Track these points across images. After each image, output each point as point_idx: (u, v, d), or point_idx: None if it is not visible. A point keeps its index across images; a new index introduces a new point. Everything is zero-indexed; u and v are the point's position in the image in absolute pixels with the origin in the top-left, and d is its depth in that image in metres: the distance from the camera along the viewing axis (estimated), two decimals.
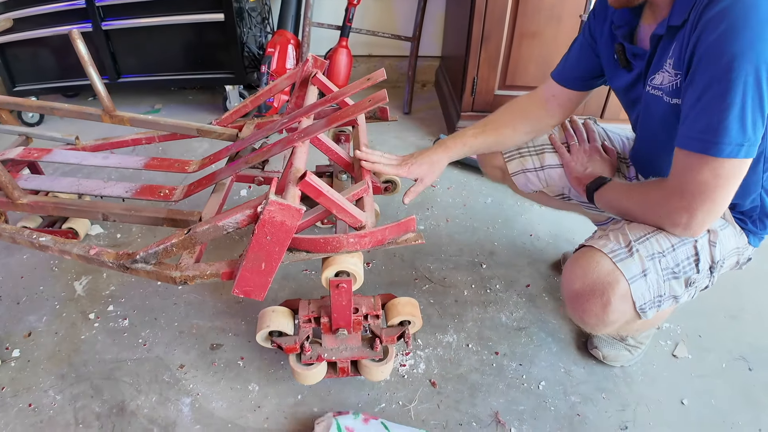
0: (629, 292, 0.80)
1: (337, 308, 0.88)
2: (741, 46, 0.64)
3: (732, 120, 0.67)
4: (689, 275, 0.84)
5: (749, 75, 0.64)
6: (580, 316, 0.83)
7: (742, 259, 0.96)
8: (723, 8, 0.65)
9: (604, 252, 0.81)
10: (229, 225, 0.74)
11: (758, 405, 1.05)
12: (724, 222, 0.90)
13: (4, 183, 0.91)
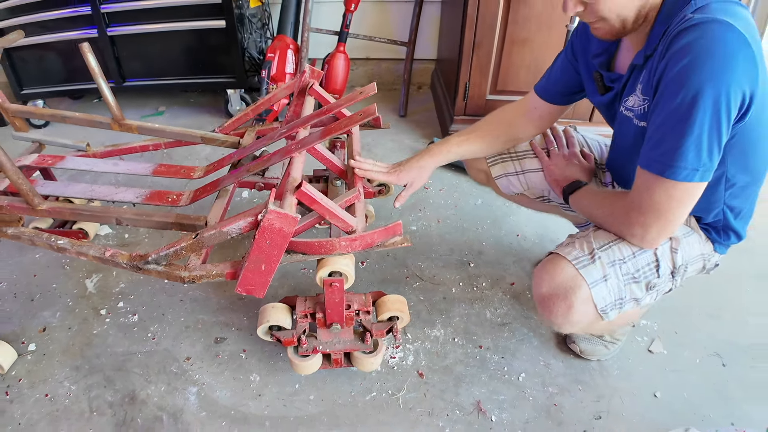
0: (590, 295, 0.89)
1: (331, 305, 0.98)
2: (702, 80, 0.71)
3: (689, 146, 0.75)
4: (650, 279, 0.93)
5: (708, 106, 0.72)
6: (547, 317, 0.93)
7: (708, 265, 1.04)
8: (688, 42, 0.73)
9: (568, 259, 0.90)
10: (233, 231, 0.84)
11: (731, 399, 1.13)
12: (689, 230, 0.99)
13: (25, 191, 1.01)
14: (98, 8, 1.90)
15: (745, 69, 0.72)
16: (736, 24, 0.71)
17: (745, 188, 0.91)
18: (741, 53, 0.71)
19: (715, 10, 0.74)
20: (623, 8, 0.81)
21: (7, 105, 1.33)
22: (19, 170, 1.00)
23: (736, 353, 1.24)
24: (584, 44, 1.01)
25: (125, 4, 1.89)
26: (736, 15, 0.74)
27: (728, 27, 0.71)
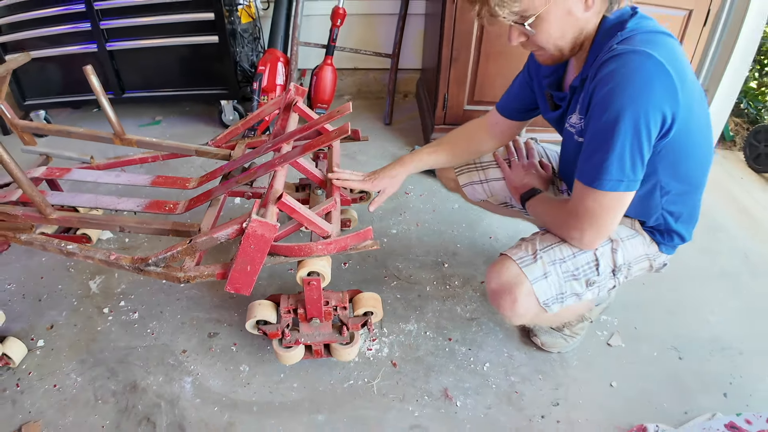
0: (532, 290, 1.02)
1: (310, 301, 1.12)
2: (621, 104, 0.83)
3: (612, 161, 0.87)
4: (589, 277, 1.05)
5: (628, 127, 0.84)
6: (498, 309, 1.07)
7: (656, 264, 1.16)
8: (611, 70, 0.85)
9: (514, 259, 1.04)
10: (222, 236, 0.98)
11: (685, 390, 1.25)
12: (633, 233, 1.11)
13: (38, 201, 1.15)
14: (98, 25, 2.04)
15: (662, 93, 0.83)
16: (655, 53, 0.82)
17: (682, 195, 1.03)
18: (658, 79, 0.82)
19: (638, 42, 0.86)
20: (559, 39, 0.93)
21: (16, 121, 1.46)
22: (32, 183, 1.14)
23: (694, 347, 1.37)
24: (537, 66, 1.13)
25: (123, 21, 2.03)
26: (657, 44, 0.85)
27: (647, 56, 0.83)
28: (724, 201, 2.02)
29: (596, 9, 0.91)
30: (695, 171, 1.01)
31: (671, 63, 0.83)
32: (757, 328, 1.43)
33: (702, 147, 0.99)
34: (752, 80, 2.57)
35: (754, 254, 1.72)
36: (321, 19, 2.31)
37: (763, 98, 2.54)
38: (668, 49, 0.86)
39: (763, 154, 2.20)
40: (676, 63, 0.85)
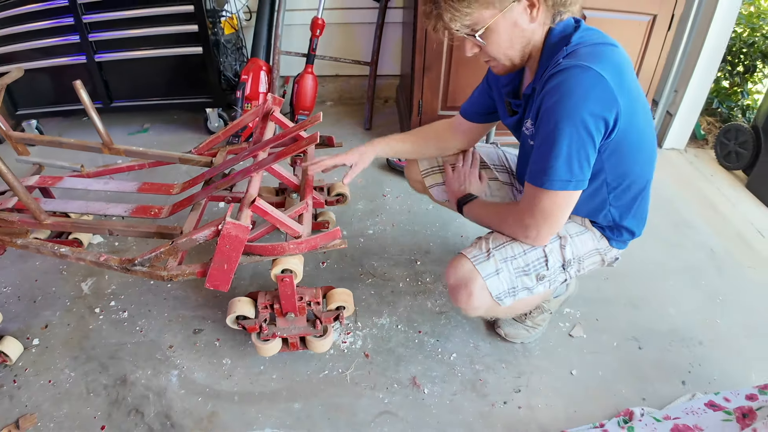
0: (485, 285, 1.14)
1: (284, 296, 1.24)
2: (562, 114, 0.95)
3: (560, 164, 0.98)
4: (539, 272, 1.17)
5: (572, 133, 0.95)
6: (456, 302, 1.19)
7: (607, 258, 1.28)
8: (557, 83, 0.96)
9: (468, 257, 1.16)
10: (200, 238, 1.10)
11: (644, 378, 1.36)
12: (583, 229, 1.23)
13: (33, 209, 1.27)
14: (86, 37, 2.17)
15: (601, 101, 0.94)
16: (594, 66, 0.93)
17: (628, 191, 1.15)
18: (597, 89, 0.93)
19: (581, 56, 0.96)
20: (509, 49, 1.05)
21: (11, 132, 1.58)
22: (27, 191, 1.27)
23: (654, 338, 1.48)
24: (496, 77, 1.25)
25: (111, 33, 2.16)
26: (598, 56, 0.95)
27: (586, 70, 0.93)
28: (692, 198, 2.15)
29: (541, 21, 1.02)
30: (639, 168, 1.12)
31: (610, 72, 0.94)
32: (719, 319, 1.55)
33: (645, 146, 1.10)
34: (724, 80, 2.71)
35: (720, 249, 1.85)
36: (302, 29, 2.45)
37: (736, 98, 2.68)
38: (609, 59, 0.96)
39: (733, 151, 2.33)
40: (616, 71, 0.95)
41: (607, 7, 1.91)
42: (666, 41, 2.02)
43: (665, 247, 1.85)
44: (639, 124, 1.04)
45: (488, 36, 1.03)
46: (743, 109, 2.66)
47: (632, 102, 0.99)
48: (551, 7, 1.01)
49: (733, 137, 2.32)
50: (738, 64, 2.63)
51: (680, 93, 2.33)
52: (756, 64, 2.57)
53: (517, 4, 0.98)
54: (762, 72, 2.61)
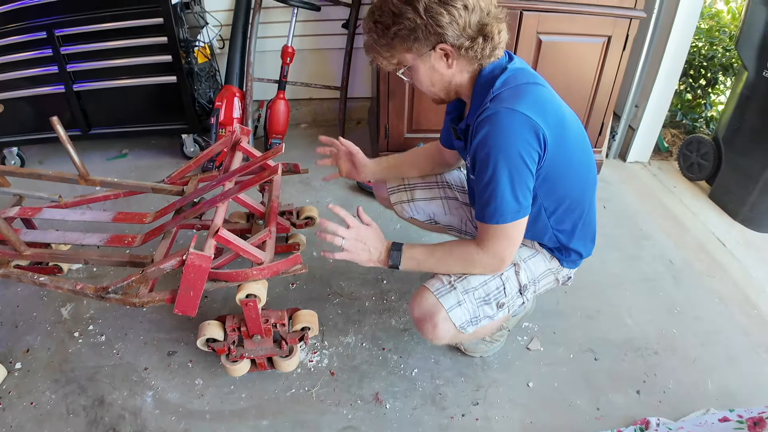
0: (449, 316, 1.25)
1: (250, 320, 1.38)
2: (497, 159, 1.07)
3: (508, 198, 1.10)
4: (499, 300, 1.29)
5: (511, 168, 1.07)
6: (421, 333, 1.31)
7: (560, 277, 1.42)
8: (486, 133, 1.08)
9: (431, 290, 1.27)
10: (167, 267, 1.24)
11: (599, 388, 1.48)
12: (534, 252, 1.37)
13: (12, 240, 1.40)
14: (65, 68, 2.30)
15: (528, 135, 1.07)
16: (518, 107, 1.06)
17: (568, 214, 1.27)
18: (522, 127, 1.06)
19: (504, 98, 1.09)
20: (430, 87, 1.21)
21: None
22: (7, 223, 1.40)
23: (610, 349, 1.61)
24: (448, 105, 1.39)
25: (88, 64, 2.30)
26: (521, 96, 1.08)
27: (510, 113, 1.06)
28: (654, 210, 2.30)
29: (459, 69, 1.16)
30: (576, 193, 1.25)
31: (532, 109, 1.07)
32: (674, 328, 1.69)
33: (578, 172, 1.23)
34: (687, 93, 2.88)
35: (679, 260, 1.99)
36: (274, 55, 2.61)
37: (699, 110, 2.84)
38: (530, 97, 1.10)
39: (696, 163, 2.49)
40: (538, 107, 1.08)
41: (564, 31, 2.08)
42: (622, 60, 2.18)
43: (624, 259, 1.99)
44: (569, 152, 1.17)
45: (411, 74, 1.19)
46: (707, 120, 2.83)
47: (559, 132, 1.12)
48: (471, 58, 1.14)
49: (695, 149, 2.48)
50: (700, 77, 2.81)
51: (641, 108, 2.50)
52: (717, 76, 2.74)
53: (433, 53, 1.12)
54: (724, 84, 2.78)
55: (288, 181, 2.42)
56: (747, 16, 2.14)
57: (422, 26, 1.08)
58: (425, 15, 1.07)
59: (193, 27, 2.44)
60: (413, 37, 1.10)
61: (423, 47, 1.12)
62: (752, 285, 1.90)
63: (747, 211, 2.22)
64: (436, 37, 1.10)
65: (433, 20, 1.07)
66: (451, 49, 1.11)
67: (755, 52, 2.11)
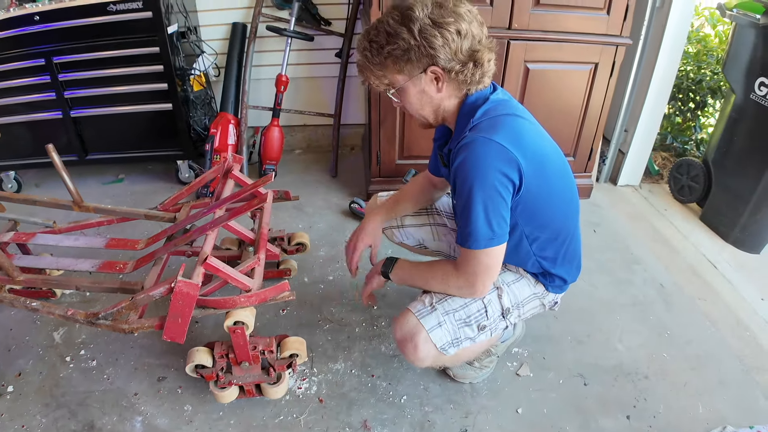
0: (429, 338, 1.28)
1: (237, 347, 1.41)
2: (472, 185, 1.13)
3: (480, 226, 1.15)
4: (480, 322, 1.33)
5: (485, 196, 1.13)
6: (404, 354, 1.34)
7: (546, 302, 1.45)
8: (463, 159, 1.14)
9: (413, 312, 1.32)
10: (156, 294, 1.28)
11: (588, 413, 1.50)
12: (518, 276, 1.40)
13: (6, 266, 1.44)
14: (62, 95, 2.39)
15: (503, 165, 1.12)
16: (494, 137, 1.12)
17: (551, 242, 1.32)
18: (497, 159, 1.11)
19: (482, 128, 1.15)
20: (420, 110, 1.26)
21: None
22: (2, 252, 1.44)
23: (600, 374, 1.63)
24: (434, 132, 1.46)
25: (85, 91, 2.38)
26: (498, 127, 1.14)
27: (486, 142, 1.12)
28: (644, 233, 2.35)
29: (448, 93, 1.22)
30: (556, 221, 1.30)
31: (508, 140, 1.13)
32: (665, 353, 1.71)
33: (559, 200, 1.28)
34: (676, 116, 2.95)
35: (670, 283, 2.03)
36: (269, 83, 2.70)
37: (689, 133, 2.91)
38: (507, 128, 1.16)
39: (686, 185, 2.54)
40: (514, 138, 1.14)
41: (551, 59, 2.16)
42: (609, 86, 2.26)
43: (614, 283, 2.03)
44: (549, 182, 1.22)
45: (402, 95, 1.24)
46: (697, 143, 2.90)
47: (537, 162, 1.17)
48: (461, 83, 1.19)
49: (685, 171, 2.54)
50: (689, 100, 2.88)
51: (630, 132, 2.56)
52: (706, 99, 2.82)
53: (425, 75, 1.17)
54: (713, 107, 2.85)
55: (281, 207, 2.47)
56: (734, 39, 2.22)
57: (416, 47, 1.12)
58: (419, 37, 1.11)
59: (189, 55, 2.53)
60: (406, 58, 1.15)
61: (415, 69, 1.17)
62: (744, 307, 1.93)
63: (738, 233, 2.27)
64: (428, 59, 1.14)
65: (427, 42, 1.11)
66: (441, 72, 1.16)
67: (742, 75, 2.17)
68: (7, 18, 2.25)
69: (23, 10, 2.23)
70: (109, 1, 2.18)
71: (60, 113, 2.42)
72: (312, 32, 2.65)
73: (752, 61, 2.13)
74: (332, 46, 2.76)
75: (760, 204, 2.15)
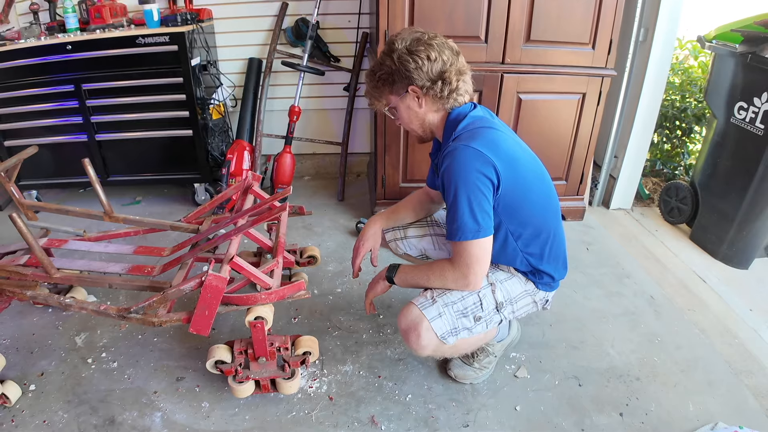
0: (431, 326, 1.43)
1: (257, 342, 1.53)
2: (456, 185, 1.33)
3: (467, 218, 1.33)
4: (476, 313, 1.47)
5: (468, 192, 1.32)
6: (407, 343, 1.48)
7: (537, 299, 1.59)
8: (447, 165, 1.36)
9: (416, 304, 1.47)
10: (187, 288, 1.42)
11: (583, 411, 1.60)
12: (509, 275, 1.55)
13: (46, 264, 1.58)
14: (89, 119, 2.59)
15: (481, 166, 1.31)
16: (472, 144, 1.33)
17: (535, 238, 1.48)
18: (476, 161, 1.32)
19: (462, 138, 1.38)
20: (410, 123, 1.52)
21: (23, 200, 1.93)
22: (42, 250, 1.59)
23: (593, 376, 1.74)
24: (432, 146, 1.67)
25: (111, 117, 2.59)
26: (476, 136, 1.35)
27: (466, 147, 1.33)
28: (635, 251, 2.49)
29: (429, 108, 1.47)
30: (536, 218, 1.46)
31: (485, 146, 1.34)
32: (656, 357, 1.82)
33: (537, 198, 1.46)
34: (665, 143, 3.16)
35: (660, 296, 2.16)
36: (282, 114, 2.95)
37: (678, 159, 3.11)
38: (484, 137, 1.37)
39: (675, 207, 2.71)
40: (491, 145, 1.35)
41: (542, 90, 2.38)
42: (597, 114, 2.47)
43: (606, 295, 2.16)
44: (526, 182, 1.42)
45: (396, 112, 1.52)
46: (686, 168, 3.09)
47: (511, 165, 1.36)
48: (436, 99, 1.44)
49: (674, 194, 2.71)
50: (676, 128, 3.09)
51: (620, 158, 2.75)
52: (692, 126, 3.03)
53: (408, 94, 1.45)
54: (699, 133, 3.06)
55: (292, 227, 2.64)
56: (714, 68, 2.43)
57: (396, 71, 1.42)
58: (398, 62, 1.41)
59: (209, 87, 2.76)
60: (391, 80, 1.45)
61: (400, 89, 1.45)
62: (733, 317, 2.05)
63: (726, 250, 2.41)
64: (407, 80, 1.42)
65: (403, 66, 1.41)
66: (419, 90, 1.43)
67: (723, 101, 2.36)
68: (39, 46, 2.46)
69: (55, 39, 2.46)
70: (138, 35, 2.41)
71: (86, 136, 2.61)
72: (323, 68, 2.91)
73: (732, 87, 2.32)
74: (341, 80, 3.02)
75: (745, 221, 2.31)
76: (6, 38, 2.50)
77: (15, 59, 2.48)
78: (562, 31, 2.30)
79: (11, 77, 2.54)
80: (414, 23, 2.25)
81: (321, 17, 2.86)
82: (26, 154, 1.97)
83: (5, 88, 2.56)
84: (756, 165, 2.21)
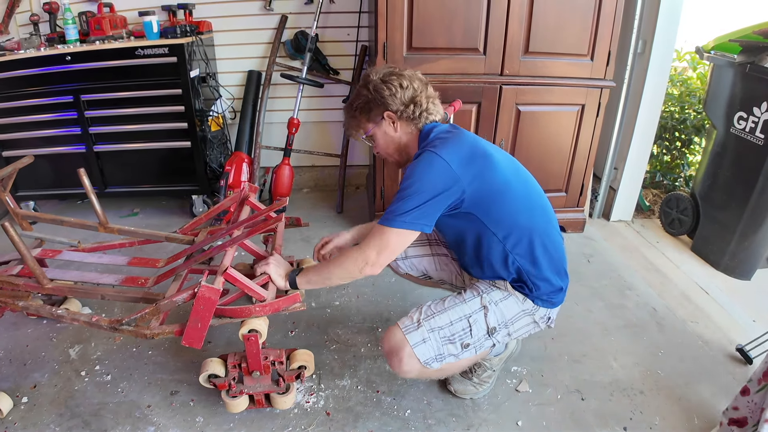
0: (413, 353, 1.39)
1: (251, 354, 1.49)
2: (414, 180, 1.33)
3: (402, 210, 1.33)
4: (464, 340, 1.43)
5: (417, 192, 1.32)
6: (390, 367, 1.45)
7: (538, 318, 1.52)
8: (413, 164, 1.38)
9: (400, 327, 1.43)
10: (180, 300, 1.39)
11: (586, 426, 1.57)
12: (506, 294, 1.49)
13: (38, 274, 1.55)
14: (87, 130, 2.59)
15: (440, 177, 1.32)
16: (436, 150, 1.34)
17: (522, 240, 1.42)
18: (436, 168, 1.33)
19: (432, 145, 1.38)
20: (386, 148, 1.56)
21: (17, 210, 1.91)
22: (35, 260, 1.56)
23: (596, 390, 1.71)
24: None
25: (110, 128, 2.58)
26: (440, 144, 1.37)
27: (432, 154, 1.34)
28: (637, 263, 2.46)
29: (404, 130, 1.52)
30: (520, 216, 1.42)
31: (449, 151, 1.35)
32: (660, 370, 1.79)
33: (516, 197, 1.42)
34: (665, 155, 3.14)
35: (662, 307, 2.13)
36: (281, 126, 2.94)
37: (678, 170, 3.09)
38: (450, 142, 1.39)
39: (676, 219, 2.68)
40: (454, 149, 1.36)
41: (540, 101, 2.37)
42: (596, 126, 2.46)
43: (608, 308, 2.13)
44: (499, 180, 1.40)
45: (373, 140, 1.57)
46: (686, 179, 3.07)
47: (479, 164, 1.37)
48: (409, 120, 1.51)
49: (675, 206, 2.68)
50: (675, 139, 3.08)
51: (620, 170, 2.74)
52: (692, 137, 3.01)
53: (383, 120, 1.52)
54: (698, 144, 3.04)
55: (290, 239, 2.61)
56: (712, 79, 2.42)
57: (372, 99, 1.50)
58: (373, 91, 1.49)
59: (208, 99, 2.75)
60: (368, 108, 1.52)
61: (376, 116, 1.52)
62: (736, 328, 2.02)
63: (728, 261, 2.38)
64: (383, 106, 1.49)
65: (378, 94, 1.48)
66: (394, 115, 1.50)
67: (722, 111, 2.35)
68: (39, 56, 2.46)
69: (54, 50, 2.46)
70: (138, 46, 2.41)
71: (84, 147, 2.61)
72: (322, 80, 2.90)
73: (731, 97, 2.31)
74: (340, 93, 3.03)
75: (747, 231, 2.28)
76: (6, 49, 2.51)
77: (14, 69, 2.49)
78: (561, 43, 2.30)
79: (10, 87, 2.54)
80: (413, 36, 2.26)
81: (320, 30, 2.87)
82: (22, 164, 1.95)
83: (4, 98, 2.56)
84: (757, 175, 2.19)
